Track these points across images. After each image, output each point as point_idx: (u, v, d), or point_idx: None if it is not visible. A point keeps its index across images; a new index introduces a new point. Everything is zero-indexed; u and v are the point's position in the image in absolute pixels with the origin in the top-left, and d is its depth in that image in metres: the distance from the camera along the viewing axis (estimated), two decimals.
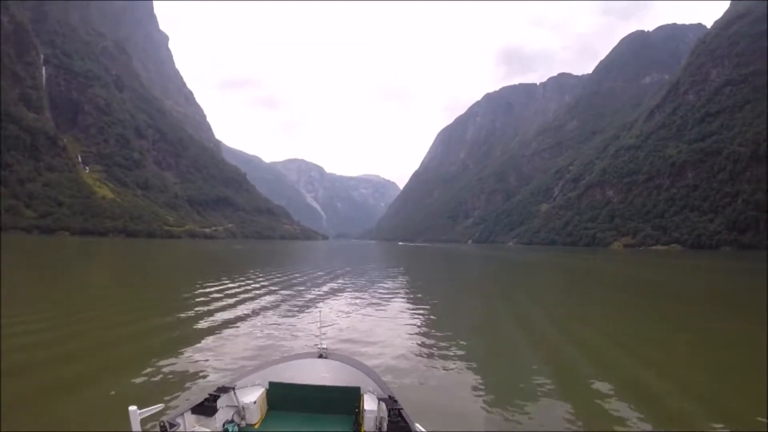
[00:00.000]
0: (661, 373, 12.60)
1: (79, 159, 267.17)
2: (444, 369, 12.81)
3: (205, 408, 6.63)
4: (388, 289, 32.91)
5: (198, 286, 30.04)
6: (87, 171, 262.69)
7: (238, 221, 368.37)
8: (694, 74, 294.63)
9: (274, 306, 22.78)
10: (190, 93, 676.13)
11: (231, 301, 23.67)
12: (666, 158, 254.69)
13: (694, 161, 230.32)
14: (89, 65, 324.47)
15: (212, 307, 21.73)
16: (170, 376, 11.39)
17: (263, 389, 7.78)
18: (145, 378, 11.21)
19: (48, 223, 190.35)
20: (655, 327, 20.00)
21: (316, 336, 10.86)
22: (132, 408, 5.15)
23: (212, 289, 27.62)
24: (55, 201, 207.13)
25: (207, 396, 6.83)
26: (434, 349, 15.04)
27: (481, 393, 10.79)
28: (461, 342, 16.03)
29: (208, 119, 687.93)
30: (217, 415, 6.73)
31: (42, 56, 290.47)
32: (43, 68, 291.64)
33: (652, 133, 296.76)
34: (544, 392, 10.77)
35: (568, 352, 14.76)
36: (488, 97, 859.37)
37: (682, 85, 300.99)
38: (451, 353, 14.43)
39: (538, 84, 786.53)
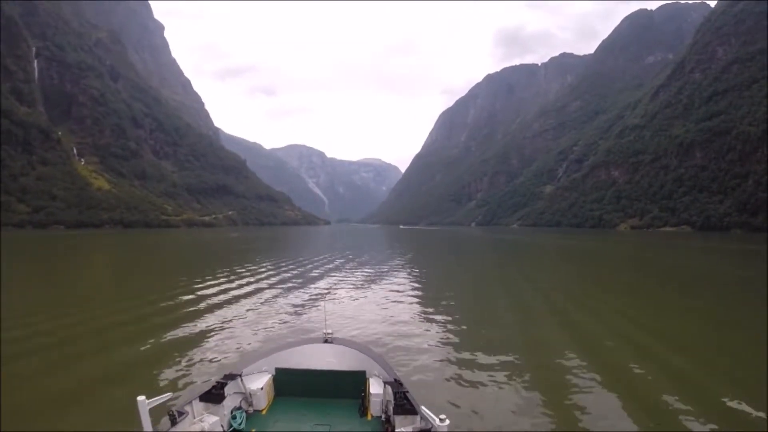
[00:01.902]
0: None
1: (74, 151, 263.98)
2: (446, 350, 13.25)
3: (213, 395, 6.84)
4: (390, 275, 32.55)
5: (184, 279, 29.29)
6: (82, 163, 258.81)
7: (238, 208, 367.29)
8: (700, 52, 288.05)
9: (275, 295, 22.71)
10: (188, 82, 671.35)
11: (225, 293, 23.11)
12: (673, 138, 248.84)
13: (702, 141, 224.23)
14: (82, 56, 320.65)
15: (204, 300, 21.32)
16: (177, 365, 11.61)
17: (270, 375, 7.93)
18: (153, 367, 11.45)
19: (41, 217, 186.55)
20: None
21: (321, 320, 11.01)
22: (141, 398, 5.27)
23: (202, 283, 26.52)
24: (48, 195, 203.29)
25: (214, 383, 7.08)
26: (433, 329, 15.87)
27: (488, 379, 10.81)
28: (462, 327, 16.52)
29: (208, 108, 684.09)
30: (224, 402, 6.93)
31: (34, 49, 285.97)
32: (35, 61, 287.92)
33: (658, 112, 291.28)
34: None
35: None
36: (489, 79, 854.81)
37: (688, 64, 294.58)
38: (450, 336, 14.98)
39: (539, 65, 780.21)
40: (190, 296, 22.13)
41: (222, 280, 27.80)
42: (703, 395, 9.98)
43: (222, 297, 22.02)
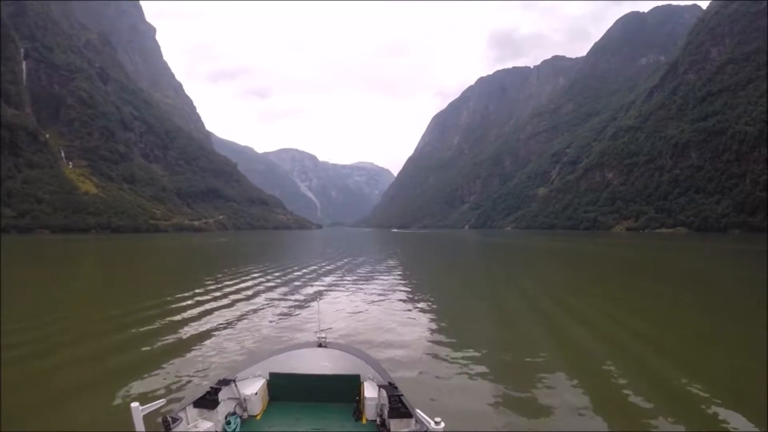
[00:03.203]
0: None
1: (62, 154, 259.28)
2: (440, 355, 13.04)
3: (207, 401, 6.80)
4: (383, 280, 31.62)
5: (170, 286, 28.88)
6: (70, 166, 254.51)
7: (229, 212, 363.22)
8: (693, 53, 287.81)
9: (266, 301, 22.17)
10: (179, 85, 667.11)
11: (215, 301, 22.22)
12: (667, 139, 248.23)
13: (697, 141, 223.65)
14: (71, 58, 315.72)
15: (194, 307, 20.56)
16: (171, 372, 11.54)
17: (264, 380, 7.83)
18: (146, 375, 11.29)
19: (26, 221, 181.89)
20: None
21: (315, 323, 11.18)
22: (134, 404, 5.18)
23: (189, 292, 24.87)
24: (34, 198, 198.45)
25: (208, 389, 7.01)
26: (426, 334, 15.76)
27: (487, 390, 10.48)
28: (453, 329, 16.62)
29: (200, 111, 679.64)
30: (219, 407, 6.89)
31: (22, 50, 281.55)
32: (23, 63, 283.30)
33: (652, 113, 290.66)
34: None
35: None
36: (482, 81, 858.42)
37: (682, 65, 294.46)
38: (444, 340, 14.79)
39: (532, 67, 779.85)
40: (179, 304, 21.09)
41: (211, 287, 26.46)
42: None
43: (211, 304, 21.13)
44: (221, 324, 16.86)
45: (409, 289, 26.05)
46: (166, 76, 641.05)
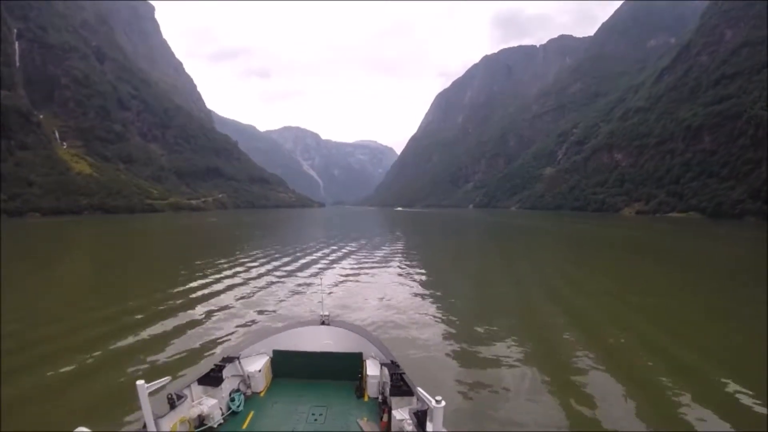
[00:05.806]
0: None
1: (56, 135, 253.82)
2: (439, 332, 14.09)
3: (212, 378, 7.10)
4: (385, 259, 33.21)
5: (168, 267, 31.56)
6: (64, 147, 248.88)
7: (230, 191, 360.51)
8: (707, 35, 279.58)
9: (272, 281, 22.92)
10: (179, 64, 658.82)
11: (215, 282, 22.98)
12: (679, 121, 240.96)
13: (710, 125, 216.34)
14: (66, 37, 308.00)
15: (195, 287, 21.29)
16: (175, 349, 12.02)
17: (268, 357, 8.25)
18: (151, 352, 11.76)
19: (17, 204, 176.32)
20: None
21: (318, 303, 11.39)
22: (140, 382, 5.25)
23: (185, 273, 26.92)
24: (25, 181, 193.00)
25: (213, 366, 7.35)
26: (428, 311, 16.81)
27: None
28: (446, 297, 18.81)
29: (202, 90, 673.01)
30: (223, 384, 7.17)
31: (15, 31, 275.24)
32: (16, 43, 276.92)
33: (663, 95, 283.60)
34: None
35: None
36: (487, 60, 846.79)
37: (694, 47, 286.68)
38: (443, 317, 15.65)
39: (538, 46, 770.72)
40: (178, 285, 22.14)
41: (210, 270, 27.66)
42: None
43: (214, 283, 22.32)
44: (227, 304, 17.36)
45: (415, 271, 26.88)
46: (166, 54, 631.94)
